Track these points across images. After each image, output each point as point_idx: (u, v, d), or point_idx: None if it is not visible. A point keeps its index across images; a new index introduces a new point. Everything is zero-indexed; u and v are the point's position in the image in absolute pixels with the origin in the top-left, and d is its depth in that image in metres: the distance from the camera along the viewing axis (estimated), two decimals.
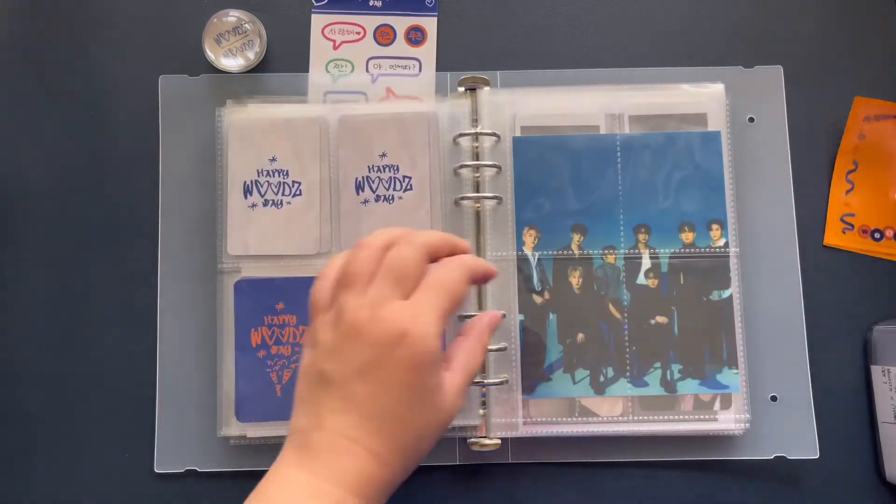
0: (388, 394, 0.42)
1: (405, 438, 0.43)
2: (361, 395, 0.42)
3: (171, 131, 0.61)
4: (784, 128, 0.61)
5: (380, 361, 0.42)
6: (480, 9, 0.63)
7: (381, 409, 0.42)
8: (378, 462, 0.42)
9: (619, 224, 0.58)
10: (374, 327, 0.43)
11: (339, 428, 0.42)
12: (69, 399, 0.59)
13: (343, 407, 0.43)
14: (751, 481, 0.58)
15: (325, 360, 0.44)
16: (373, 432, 0.42)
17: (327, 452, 0.42)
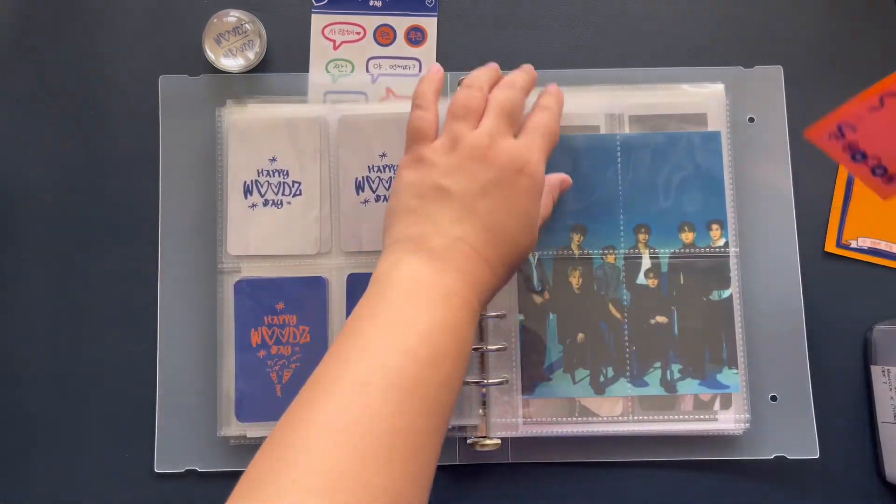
0: (507, 212, 0.47)
1: (512, 253, 0.48)
2: (483, 210, 0.46)
3: (171, 131, 0.61)
4: (784, 128, 0.61)
5: (503, 183, 0.47)
6: (480, 9, 0.63)
7: (499, 224, 0.47)
8: (491, 270, 0.46)
9: (619, 224, 0.58)
10: (498, 154, 0.47)
11: (461, 235, 0.46)
12: (69, 399, 0.59)
13: (464, 217, 0.46)
14: (751, 481, 0.58)
15: (445, 176, 0.47)
16: (490, 243, 0.46)
17: (451, 254, 0.45)
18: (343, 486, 0.35)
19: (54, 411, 0.59)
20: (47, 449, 0.59)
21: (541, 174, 0.48)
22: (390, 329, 0.42)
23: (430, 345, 0.41)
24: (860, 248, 0.60)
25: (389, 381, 0.39)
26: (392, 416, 0.38)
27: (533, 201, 0.48)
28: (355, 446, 0.36)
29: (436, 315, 0.43)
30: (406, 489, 0.37)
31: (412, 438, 0.38)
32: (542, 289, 0.57)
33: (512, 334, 0.57)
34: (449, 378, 0.42)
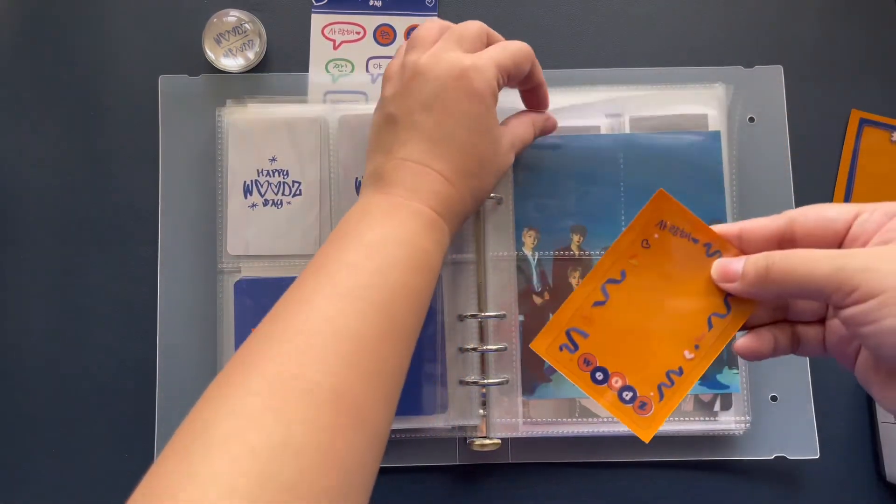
0: (450, 120, 0.47)
1: (468, 162, 0.47)
2: (426, 124, 0.47)
3: (171, 131, 0.61)
4: (784, 128, 0.61)
5: (442, 92, 0.46)
6: (480, 9, 0.63)
7: (445, 133, 0.47)
8: (445, 181, 0.47)
9: (620, 224, 0.58)
10: (436, 66, 0.47)
11: (407, 154, 0.47)
12: (69, 399, 0.59)
13: (409, 137, 0.47)
14: (751, 481, 0.58)
15: (390, 104, 0.48)
16: (439, 155, 0.47)
17: (398, 174, 0.46)
18: (282, 385, 0.36)
19: (54, 411, 0.59)
20: (47, 449, 0.59)
21: (487, 74, 0.47)
22: (338, 248, 0.43)
23: (376, 255, 0.42)
24: None
25: (334, 291, 0.40)
26: (336, 319, 0.39)
27: (478, 102, 0.47)
28: (295, 349, 0.38)
29: (380, 229, 0.44)
30: (355, 389, 0.38)
31: (361, 341, 0.39)
32: (542, 289, 0.57)
33: (512, 334, 0.57)
34: (403, 284, 0.42)
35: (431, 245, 0.45)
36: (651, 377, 0.44)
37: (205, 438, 0.35)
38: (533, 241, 0.58)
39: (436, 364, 0.57)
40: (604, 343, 0.43)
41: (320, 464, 0.35)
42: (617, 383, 0.43)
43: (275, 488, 0.33)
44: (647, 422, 0.44)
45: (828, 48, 0.63)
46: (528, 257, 0.57)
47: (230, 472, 0.33)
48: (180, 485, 0.33)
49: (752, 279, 0.41)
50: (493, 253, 0.57)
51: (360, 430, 0.37)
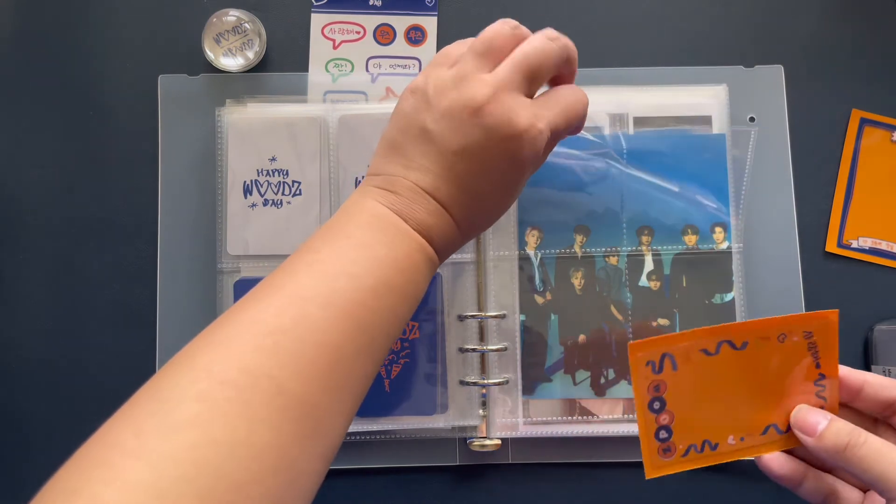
0: (485, 178, 0.44)
1: (481, 215, 0.47)
2: (460, 169, 0.44)
3: (170, 131, 0.61)
4: (784, 128, 0.61)
5: (488, 146, 0.43)
6: (480, 9, 0.63)
7: (474, 187, 0.44)
8: (456, 228, 0.45)
9: (622, 225, 0.58)
10: (493, 111, 0.43)
11: (432, 188, 0.44)
12: (68, 399, 0.59)
13: (439, 171, 0.44)
14: (751, 481, 0.58)
15: (433, 120, 0.44)
16: (460, 204, 0.44)
17: (417, 203, 0.44)
18: (255, 383, 0.35)
19: (53, 411, 0.59)
20: (46, 449, 0.59)
21: (537, 144, 0.44)
22: (343, 254, 0.41)
23: (378, 276, 0.41)
24: (861, 248, 0.60)
25: (330, 300, 0.39)
26: (322, 331, 0.38)
27: (518, 171, 0.45)
28: (276, 349, 0.37)
29: (389, 251, 0.42)
30: (321, 399, 0.37)
31: (340, 356, 0.38)
32: (543, 289, 0.57)
33: (513, 334, 0.57)
34: (392, 311, 0.41)
35: (423, 281, 0.44)
36: (692, 434, 0.44)
37: (164, 417, 0.34)
38: (536, 241, 0.58)
39: (436, 364, 0.57)
40: (682, 384, 0.43)
41: (274, 468, 0.34)
42: (664, 420, 0.44)
43: (228, 486, 0.32)
44: (660, 463, 0.45)
45: (828, 48, 0.63)
46: (531, 257, 0.57)
47: (186, 460, 0.32)
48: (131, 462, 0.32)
49: (825, 446, 0.42)
50: (494, 253, 0.57)
51: (318, 440, 0.37)
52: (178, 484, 0.31)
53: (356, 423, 0.56)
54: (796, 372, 0.43)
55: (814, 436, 0.42)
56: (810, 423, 0.43)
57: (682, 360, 0.43)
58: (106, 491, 0.31)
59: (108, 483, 0.31)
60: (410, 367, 0.57)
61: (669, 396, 0.43)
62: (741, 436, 0.44)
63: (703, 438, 0.44)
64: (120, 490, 0.31)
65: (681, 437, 0.44)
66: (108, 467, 0.32)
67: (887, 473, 0.39)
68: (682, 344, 0.43)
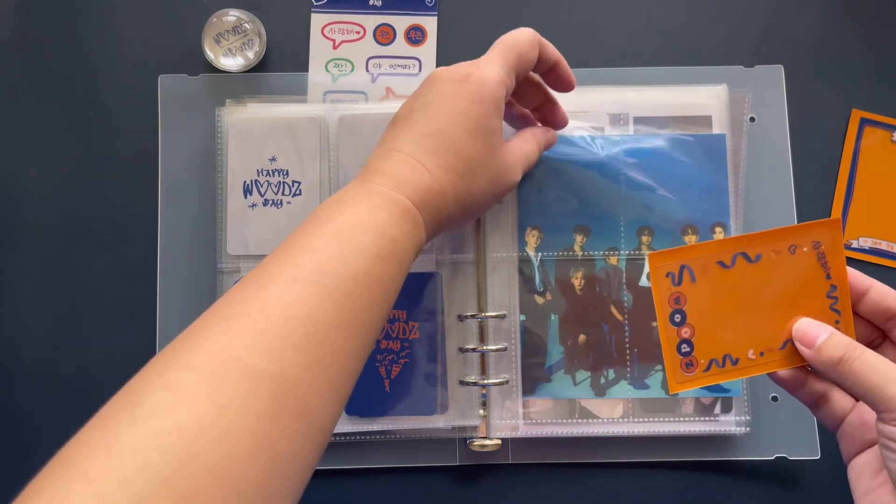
0: (443, 117, 0.47)
1: (455, 160, 0.46)
2: (419, 119, 0.47)
3: (170, 131, 0.61)
4: (785, 128, 0.61)
5: (442, 91, 0.47)
6: (480, 9, 0.63)
7: (437, 128, 0.46)
8: (426, 172, 0.46)
9: (622, 226, 0.58)
10: (445, 71, 0.48)
11: (395, 145, 0.47)
12: (69, 399, 0.59)
13: (402, 131, 0.47)
14: (752, 482, 0.58)
15: (400, 108, 0.49)
16: (426, 148, 0.46)
17: (381, 162, 0.46)
18: (221, 364, 0.35)
19: (53, 411, 0.59)
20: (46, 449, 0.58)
21: (490, 80, 0.47)
22: (304, 232, 0.42)
23: (339, 241, 0.41)
24: (861, 248, 0.60)
25: (292, 275, 0.39)
26: (288, 304, 0.38)
27: (478, 106, 0.47)
28: (240, 330, 0.37)
29: (348, 215, 0.43)
30: (301, 377, 0.37)
31: (314, 328, 0.38)
32: (543, 289, 0.57)
33: (513, 335, 0.57)
34: (366, 272, 0.41)
35: (401, 235, 0.43)
36: (713, 349, 0.45)
37: (132, 409, 0.34)
38: (536, 241, 0.58)
39: (436, 364, 0.57)
40: (701, 297, 0.45)
41: (250, 452, 0.33)
42: (685, 333, 0.45)
43: (195, 470, 0.32)
44: (684, 378, 0.46)
45: (828, 48, 0.63)
46: (531, 258, 0.57)
47: (150, 447, 0.32)
48: (96, 455, 0.32)
49: (822, 359, 0.42)
50: (494, 253, 0.57)
51: (301, 421, 0.36)
52: (142, 472, 0.31)
53: (356, 424, 0.56)
54: (809, 285, 0.44)
55: (812, 348, 0.43)
56: (810, 336, 0.43)
57: (699, 272, 0.44)
58: (70, 486, 0.31)
59: (71, 479, 0.31)
60: (410, 368, 0.57)
61: (689, 309, 0.45)
62: (761, 350, 0.45)
63: (723, 353, 0.45)
64: (82, 482, 0.31)
65: (702, 351, 0.45)
66: (73, 465, 0.32)
67: (878, 387, 0.40)
68: (698, 256, 0.44)
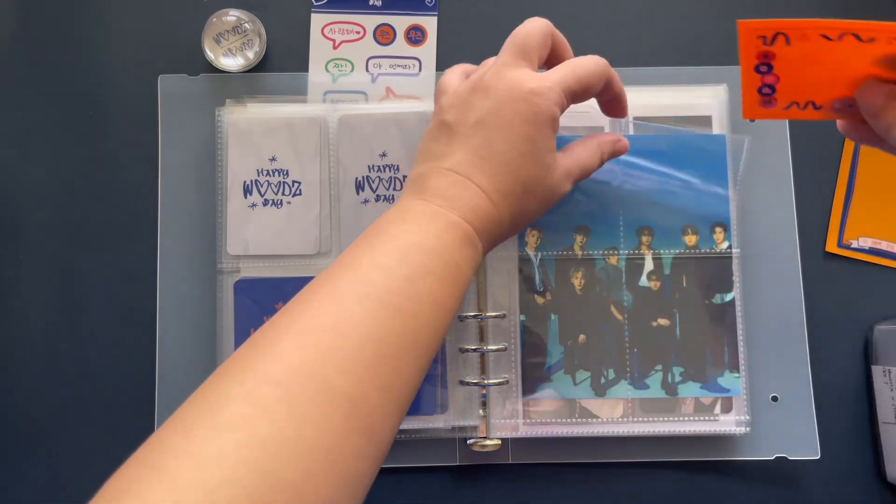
0: (502, 140, 0.45)
1: (512, 184, 0.46)
2: (475, 139, 0.46)
3: (170, 131, 0.61)
4: (785, 127, 0.61)
5: (500, 111, 0.45)
6: (480, 9, 0.63)
7: (493, 151, 0.45)
8: (485, 197, 0.45)
9: (622, 225, 0.58)
10: (500, 83, 0.46)
11: (451, 164, 0.46)
12: (69, 399, 0.59)
13: (457, 149, 0.46)
14: (751, 482, 0.58)
15: (448, 111, 0.48)
16: (483, 171, 0.45)
17: (440, 184, 0.45)
18: (300, 381, 0.35)
19: (54, 411, 0.59)
20: (46, 449, 0.59)
21: (549, 100, 0.46)
22: (371, 250, 0.42)
23: (409, 262, 0.41)
24: (861, 248, 0.60)
25: (364, 292, 0.40)
26: (363, 323, 0.38)
27: (534, 127, 0.45)
28: (318, 346, 0.37)
29: (415, 236, 0.43)
30: (370, 395, 0.37)
31: (383, 348, 0.38)
32: (543, 289, 0.57)
33: (513, 335, 0.57)
34: (432, 296, 0.42)
35: (463, 261, 0.44)
36: (796, 95, 0.44)
37: (211, 419, 0.34)
38: (536, 241, 0.58)
39: (436, 364, 0.57)
40: (792, 57, 0.43)
41: (327, 469, 0.34)
42: (769, 80, 0.44)
43: (276, 485, 0.32)
44: (759, 110, 0.45)
45: None
46: (531, 257, 0.57)
47: (233, 459, 0.32)
48: (179, 462, 0.32)
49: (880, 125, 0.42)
50: (495, 252, 0.57)
51: (368, 440, 0.37)
52: (227, 484, 0.31)
53: None
54: None
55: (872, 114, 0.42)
56: (870, 103, 0.42)
57: (797, 38, 0.42)
58: (155, 491, 0.31)
59: (157, 483, 0.31)
60: None
61: (778, 64, 0.43)
62: (848, 104, 0.44)
63: (807, 99, 0.44)
64: (168, 490, 0.31)
65: (784, 95, 0.44)
66: (157, 469, 0.32)
67: None
68: (799, 27, 0.42)
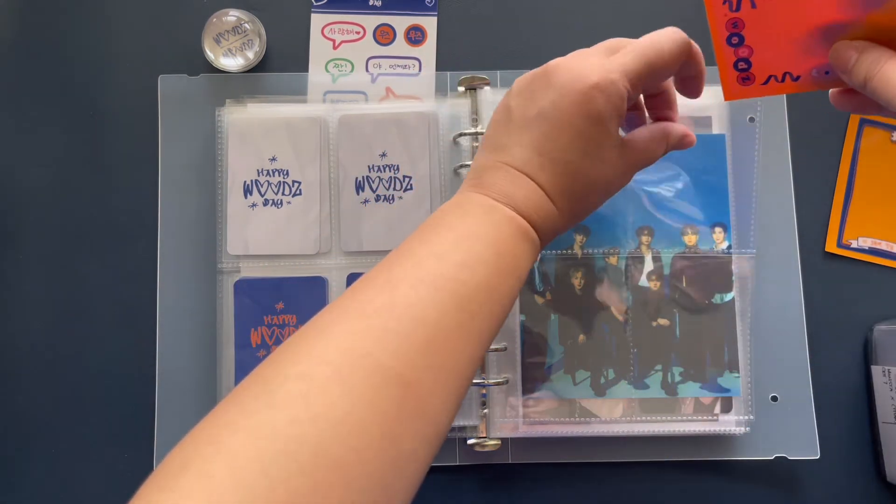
0: (563, 137, 0.44)
1: (573, 183, 0.45)
2: (536, 132, 0.44)
3: (170, 131, 0.61)
4: (784, 127, 0.61)
5: (560, 103, 0.44)
6: (480, 9, 0.63)
7: (554, 149, 0.44)
8: (545, 197, 0.45)
9: (622, 225, 0.58)
10: (565, 72, 0.44)
11: (512, 160, 0.45)
12: (69, 399, 0.59)
13: (518, 141, 0.45)
14: (751, 482, 0.58)
15: (514, 97, 0.46)
16: (543, 168, 0.44)
17: (497, 180, 0.45)
18: (352, 362, 0.36)
19: (53, 411, 0.59)
20: (47, 449, 0.59)
21: (611, 96, 0.43)
22: (428, 238, 0.42)
23: (465, 250, 0.41)
24: (861, 248, 0.60)
25: (418, 277, 0.40)
26: (416, 306, 0.38)
27: (600, 127, 0.44)
28: (371, 329, 0.37)
29: (472, 226, 0.43)
30: (424, 379, 0.37)
31: (437, 332, 0.38)
32: (543, 289, 0.57)
33: (513, 334, 0.57)
34: (487, 284, 0.41)
35: (520, 253, 0.43)
36: (773, 66, 0.43)
37: (269, 396, 0.34)
38: None
39: None
40: (761, 21, 0.42)
41: (377, 448, 0.34)
42: (742, 53, 0.43)
43: (326, 461, 0.33)
44: (739, 89, 0.45)
45: None
46: None
47: (287, 434, 0.33)
48: (236, 437, 0.33)
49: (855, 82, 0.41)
50: None
51: (422, 422, 0.37)
52: (280, 458, 0.32)
53: None
54: None
55: (846, 70, 0.41)
56: (843, 59, 0.41)
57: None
58: (214, 464, 0.32)
59: (214, 456, 0.32)
60: None
61: (748, 33, 0.42)
62: (825, 70, 0.43)
63: (783, 70, 0.43)
64: (225, 463, 0.32)
65: (760, 68, 0.43)
66: (216, 443, 0.33)
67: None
68: None
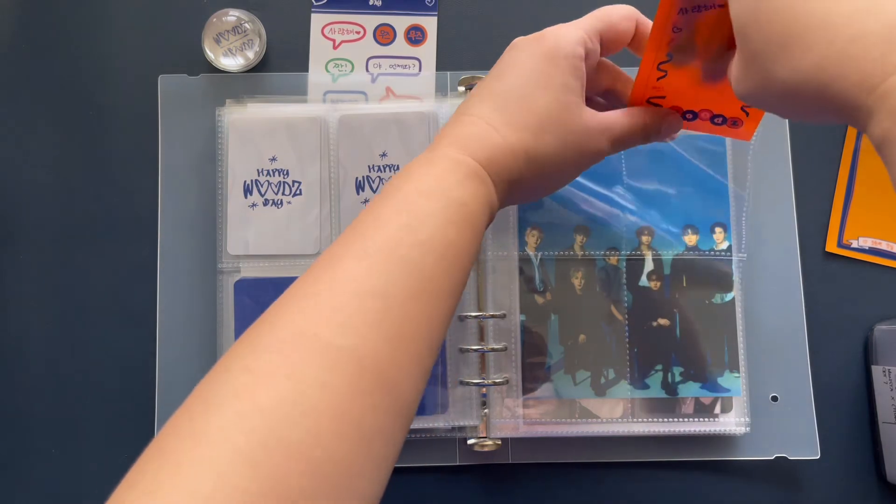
0: (515, 75, 0.46)
1: (525, 116, 0.45)
2: (493, 82, 0.46)
3: (170, 131, 0.61)
4: (784, 128, 0.61)
5: (517, 56, 0.46)
6: (480, 9, 0.63)
7: (506, 86, 0.46)
8: (492, 129, 0.45)
9: (622, 225, 0.58)
10: (523, 38, 0.47)
11: (464, 109, 0.46)
12: (69, 399, 0.59)
13: (474, 95, 0.47)
14: (751, 482, 0.58)
15: None
16: (492, 106, 0.45)
17: (448, 128, 0.46)
18: (297, 345, 0.35)
19: (54, 411, 0.59)
20: (47, 449, 0.59)
21: (562, 38, 0.45)
22: (373, 205, 0.42)
23: (407, 210, 0.40)
24: (861, 248, 0.60)
25: (363, 248, 0.39)
26: (361, 279, 0.38)
27: (551, 63, 0.45)
28: (315, 309, 0.36)
29: (416, 182, 0.42)
30: (380, 351, 0.36)
31: (388, 301, 0.37)
32: (544, 289, 0.57)
33: (513, 334, 0.57)
34: (436, 241, 0.40)
35: (470, 198, 0.42)
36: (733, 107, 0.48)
37: (215, 395, 0.34)
38: (536, 241, 0.58)
39: (436, 364, 0.56)
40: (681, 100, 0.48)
41: (334, 429, 0.33)
42: (706, 115, 0.49)
43: (281, 451, 0.32)
44: (744, 129, 0.49)
45: None
46: (531, 257, 0.57)
47: (234, 430, 0.32)
48: (186, 445, 0.32)
49: None
50: (496, 252, 0.57)
51: (383, 395, 0.36)
52: (232, 457, 0.31)
53: None
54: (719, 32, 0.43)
55: None
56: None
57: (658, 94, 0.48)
58: (163, 477, 0.32)
59: (164, 469, 0.32)
60: None
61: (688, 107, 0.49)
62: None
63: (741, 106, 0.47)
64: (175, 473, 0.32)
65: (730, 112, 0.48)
66: (164, 453, 0.33)
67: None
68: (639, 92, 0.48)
